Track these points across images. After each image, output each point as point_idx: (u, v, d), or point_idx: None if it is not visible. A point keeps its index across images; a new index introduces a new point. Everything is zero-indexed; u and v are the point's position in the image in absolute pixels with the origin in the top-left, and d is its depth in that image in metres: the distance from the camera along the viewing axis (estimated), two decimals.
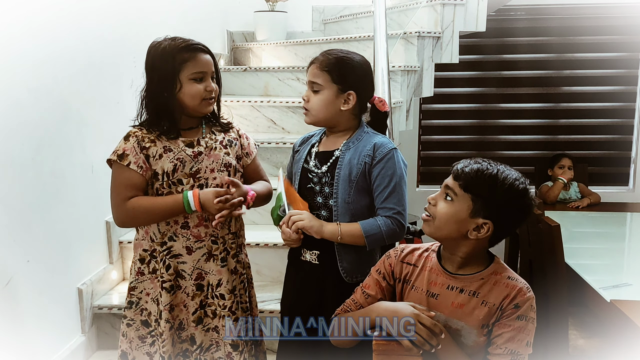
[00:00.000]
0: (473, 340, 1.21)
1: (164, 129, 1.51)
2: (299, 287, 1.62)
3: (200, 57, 1.50)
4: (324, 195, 1.56)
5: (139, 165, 1.49)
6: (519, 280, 1.22)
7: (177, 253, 1.55)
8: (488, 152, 4.10)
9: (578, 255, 2.35)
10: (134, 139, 1.50)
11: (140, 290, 1.58)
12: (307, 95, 1.57)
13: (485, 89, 4.07)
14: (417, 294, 1.28)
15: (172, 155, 1.51)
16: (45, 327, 1.92)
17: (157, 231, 1.54)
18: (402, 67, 2.75)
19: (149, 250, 1.56)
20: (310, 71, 1.56)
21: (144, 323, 1.59)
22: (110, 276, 2.31)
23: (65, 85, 1.99)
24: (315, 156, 1.59)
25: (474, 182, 1.20)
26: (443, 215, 1.22)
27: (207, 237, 1.56)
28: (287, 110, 2.84)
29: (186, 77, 1.49)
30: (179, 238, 1.54)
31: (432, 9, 2.96)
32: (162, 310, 1.54)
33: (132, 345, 1.60)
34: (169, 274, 1.54)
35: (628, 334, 1.72)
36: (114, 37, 2.32)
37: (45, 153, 1.89)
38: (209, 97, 1.52)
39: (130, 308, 1.59)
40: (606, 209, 3.27)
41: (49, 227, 1.92)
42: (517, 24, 3.96)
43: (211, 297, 1.58)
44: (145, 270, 1.57)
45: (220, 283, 1.58)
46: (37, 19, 1.82)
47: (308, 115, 1.58)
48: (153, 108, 1.52)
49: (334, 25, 3.84)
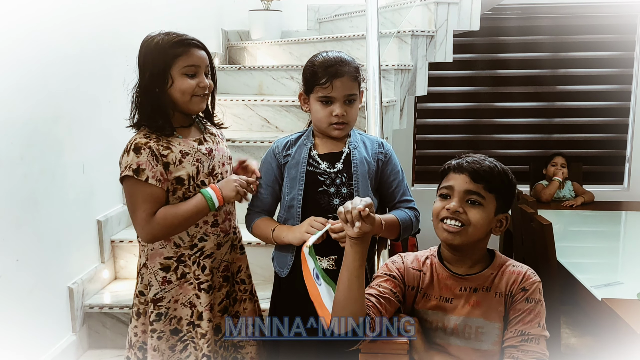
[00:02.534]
0: (497, 335, 1.21)
1: (157, 125, 1.47)
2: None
3: (194, 52, 1.47)
4: (341, 197, 1.50)
5: (157, 178, 1.44)
6: (523, 266, 1.25)
7: (210, 252, 1.55)
8: (483, 151, 4.07)
9: (571, 254, 2.35)
10: (147, 151, 1.43)
11: (168, 299, 1.53)
12: (343, 110, 1.47)
13: (480, 87, 4.07)
14: (431, 301, 1.27)
15: (191, 158, 1.49)
16: (36, 327, 1.91)
17: (185, 235, 1.51)
18: (396, 65, 2.74)
19: (174, 257, 1.52)
20: (345, 84, 1.47)
21: (173, 332, 1.55)
22: (102, 275, 2.30)
23: (56, 84, 1.98)
24: (321, 158, 1.53)
25: (497, 181, 1.23)
26: (479, 221, 1.21)
27: (231, 229, 1.61)
28: (280, 109, 2.83)
29: (178, 72, 1.45)
30: (210, 237, 1.54)
31: (426, 7, 2.95)
32: (202, 312, 1.52)
33: (164, 358, 1.54)
34: (205, 274, 1.53)
35: (619, 333, 1.72)
36: (106, 35, 2.31)
37: (35, 151, 1.88)
38: (201, 94, 1.49)
39: (159, 320, 1.52)
40: (600, 207, 3.28)
41: (39, 226, 1.91)
42: (511, 22, 3.96)
43: (232, 284, 1.63)
44: (173, 277, 1.53)
45: (240, 269, 1.65)
46: (27, 16, 1.81)
47: (345, 128, 1.51)
48: (146, 105, 1.48)
49: (329, 24, 3.84)
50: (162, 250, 1.52)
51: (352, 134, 1.57)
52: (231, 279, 1.63)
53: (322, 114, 1.50)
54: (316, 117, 1.52)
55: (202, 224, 1.53)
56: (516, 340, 1.18)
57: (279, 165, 1.56)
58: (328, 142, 1.56)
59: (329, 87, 1.46)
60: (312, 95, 1.52)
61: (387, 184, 1.57)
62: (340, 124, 1.49)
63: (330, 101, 1.48)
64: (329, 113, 1.48)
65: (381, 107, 2.08)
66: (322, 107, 1.49)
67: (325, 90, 1.47)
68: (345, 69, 1.48)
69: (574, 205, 3.25)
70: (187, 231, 1.52)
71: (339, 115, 1.47)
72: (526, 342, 1.17)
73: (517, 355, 1.17)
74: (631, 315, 1.71)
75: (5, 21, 1.72)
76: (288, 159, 1.55)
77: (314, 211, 1.49)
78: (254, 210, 1.61)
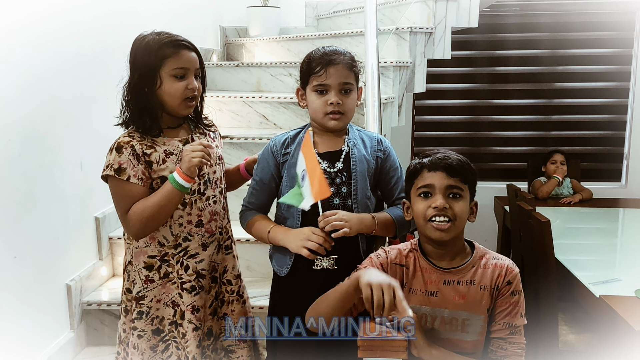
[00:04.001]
0: (481, 326, 1.26)
1: (145, 126, 1.47)
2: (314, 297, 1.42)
3: (183, 54, 1.46)
4: (341, 196, 1.50)
5: (139, 177, 1.44)
6: (503, 258, 1.30)
7: (194, 252, 1.53)
8: (481, 148, 4.10)
9: (569, 251, 2.36)
10: (128, 150, 1.44)
11: (150, 298, 1.53)
12: (339, 98, 1.46)
13: (478, 85, 4.07)
14: (417, 295, 1.29)
15: (175, 158, 1.48)
16: (34, 324, 1.90)
17: (169, 234, 1.51)
18: (394, 62, 2.73)
19: (157, 255, 1.52)
20: (339, 72, 1.46)
21: (154, 332, 1.55)
22: (100, 272, 2.30)
23: (53, 81, 1.98)
24: (321, 157, 1.51)
25: (468, 172, 1.29)
26: (463, 213, 1.27)
27: (217, 230, 1.58)
28: (279, 106, 2.82)
29: (167, 73, 1.44)
30: (194, 237, 1.53)
31: (424, 4, 2.94)
32: (184, 311, 1.52)
33: (145, 357, 1.54)
34: (188, 274, 1.52)
35: (617, 330, 1.72)
36: (104, 32, 2.30)
37: (32, 149, 1.88)
38: (190, 96, 1.47)
39: (140, 319, 1.53)
40: (598, 204, 3.28)
41: (37, 223, 1.91)
42: (510, 19, 3.96)
43: (219, 285, 1.62)
44: (155, 276, 1.52)
45: (227, 270, 1.62)
46: (25, 13, 1.81)
47: (342, 119, 1.49)
48: (134, 104, 1.47)
49: (327, 20, 3.83)
50: (146, 248, 1.52)
51: (350, 131, 1.56)
52: (219, 279, 1.61)
53: (317, 103, 1.48)
54: (312, 108, 1.51)
55: (186, 224, 1.52)
56: (504, 332, 1.26)
57: (277, 163, 1.55)
58: (327, 139, 1.54)
59: (323, 75, 1.46)
60: (308, 87, 1.51)
61: (386, 180, 1.57)
62: (336, 113, 1.47)
63: (326, 90, 1.47)
64: (324, 102, 1.47)
65: (380, 104, 2.08)
66: (317, 96, 1.48)
67: (319, 78, 1.46)
68: (340, 57, 1.48)
69: (572, 202, 3.25)
70: (172, 230, 1.51)
71: (334, 103, 1.46)
72: (513, 335, 1.26)
73: (506, 347, 1.26)
74: (629, 312, 1.72)
75: (5, 22, 1.72)
76: (287, 158, 1.53)
77: (313, 211, 1.46)
78: (248, 208, 1.60)
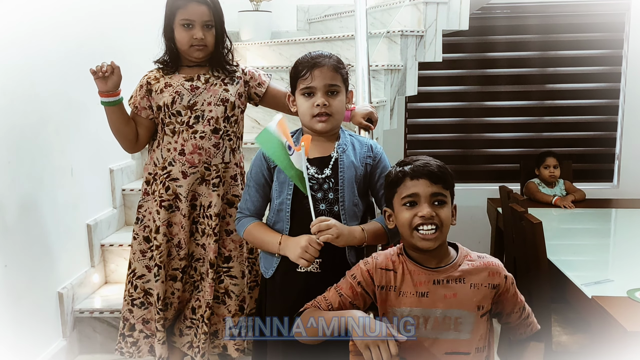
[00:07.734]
0: (472, 323, 1.27)
1: (165, 62, 1.75)
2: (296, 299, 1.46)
3: (191, 6, 1.68)
4: (328, 202, 1.50)
5: (135, 105, 1.76)
6: (487, 256, 1.33)
7: (175, 177, 1.74)
8: (474, 150, 4.11)
9: (562, 251, 2.36)
10: (141, 83, 1.76)
11: (145, 208, 1.80)
12: (325, 99, 1.47)
13: (469, 87, 4.08)
14: (408, 298, 1.29)
15: (172, 90, 1.72)
16: (25, 332, 1.89)
17: (160, 156, 1.76)
18: (386, 66, 2.74)
19: (152, 173, 1.78)
20: (325, 74, 1.48)
21: (145, 239, 1.80)
22: (92, 279, 2.29)
23: (42, 87, 1.97)
24: (310, 163, 1.50)
25: (448, 177, 1.30)
26: (448, 219, 1.28)
27: (200, 164, 1.74)
28: (270, 111, 2.82)
29: (177, 23, 1.69)
30: (176, 163, 1.73)
31: (415, 7, 2.95)
32: (159, 226, 1.74)
33: (135, 257, 1.80)
34: (167, 194, 1.74)
35: (610, 330, 1.72)
36: (94, 38, 2.29)
37: (22, 156, 1.87)
38: (196, 44, 1.69)
39: (137, 224, 1.81)
40: (590, 205, 3.29)
41: (28, 231, 1.90)
42: (500, 22, 3.97)
43: (202, 216, 1.78)
44: (150, 190, 1.78)
45: (211, 205, 1.76)
46: (12, 21, 1.80)
47: (329, 121, 1.48)
48: (164, 45, 1.75)
49: (319, 24, 3.83)
50: (148, 166, 1.80)
51: (342, 136, 1.56)
52: (200, 209, 1.77)
53: (305, 106, 1.50)
54: (300, 112, 1.52)
55: (172, 150, 1.73)
56: (524, 314, 1.35)
57: (268, 168, 1.55)
58: (317, 144, 1.53)
59: (309, 77, 1.48)
60: (296, 92, 1.53)
61: (378, 186, 1.56)
62: (323, 115, 1.48)
63: (312, 92, 1.49)
64: (311, 105, 1.49)
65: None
66: (305, 99, 1.50)
67: (305, 81, 1.48)
68: (325, 60, 1.50)
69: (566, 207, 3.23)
70: (162, 154, 1.75)
71: (320, 104, 1.47)
72: (530, 315, 1.38)
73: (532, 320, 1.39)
74: (621, 313, 1.72)
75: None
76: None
77: (302, 215, 1.47)
78: (244, 214, 1.59)
